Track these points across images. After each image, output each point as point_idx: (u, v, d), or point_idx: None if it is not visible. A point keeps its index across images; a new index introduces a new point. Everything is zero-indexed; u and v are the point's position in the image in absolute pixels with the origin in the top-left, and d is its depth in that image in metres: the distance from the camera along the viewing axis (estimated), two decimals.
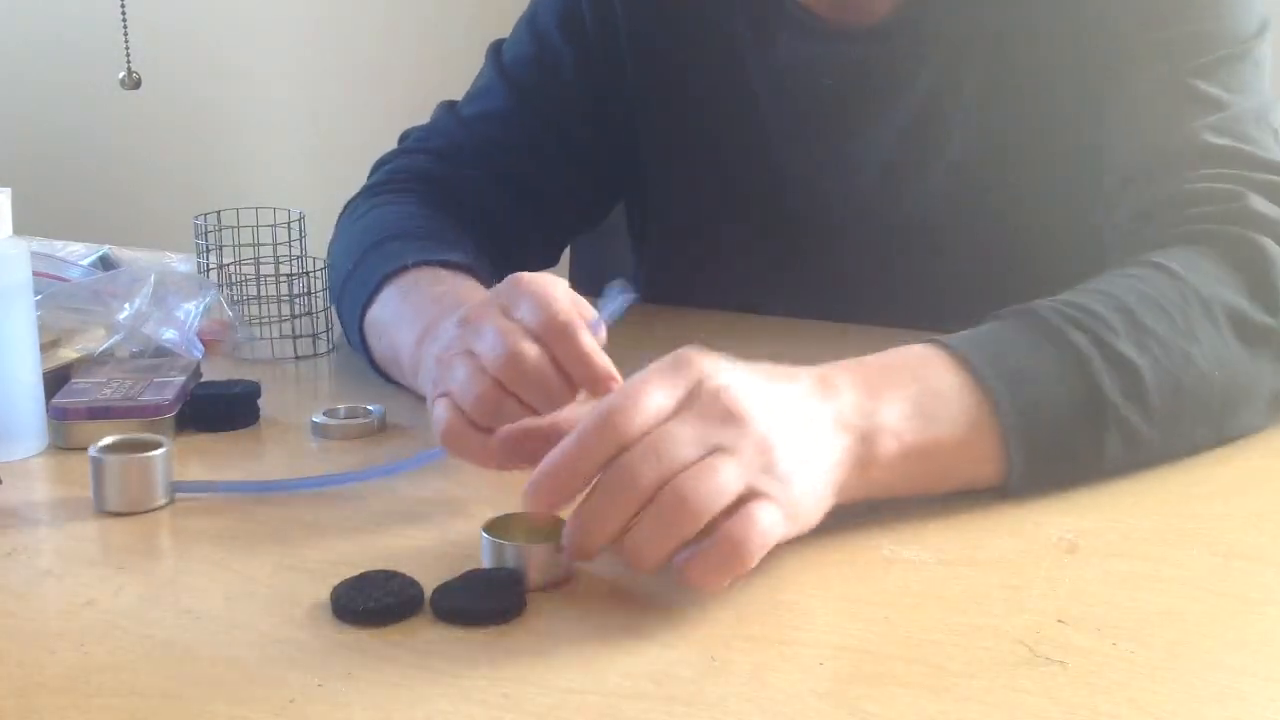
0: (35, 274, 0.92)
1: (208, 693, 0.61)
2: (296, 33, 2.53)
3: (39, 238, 1.25)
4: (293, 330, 1.09)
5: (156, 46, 1.86)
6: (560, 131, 1.16)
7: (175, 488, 0.81)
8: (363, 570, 0.70)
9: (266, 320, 1.09)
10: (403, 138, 1.21)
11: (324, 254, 1.12)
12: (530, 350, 0.76)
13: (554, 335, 0.76)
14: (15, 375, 0.88)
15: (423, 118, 1.22)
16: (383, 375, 0.99)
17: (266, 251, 1.11)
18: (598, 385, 0.75)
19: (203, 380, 0.98)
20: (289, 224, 1.10)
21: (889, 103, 1.09)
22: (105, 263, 1.23)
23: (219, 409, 0.94)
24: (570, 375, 0.76)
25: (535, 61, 1.16)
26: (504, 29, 1.23)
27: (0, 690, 0.61)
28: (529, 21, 1.19)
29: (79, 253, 1.24)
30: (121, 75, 1.39)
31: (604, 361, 0.76)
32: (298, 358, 1.09)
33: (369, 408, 0.94)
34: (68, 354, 1.01)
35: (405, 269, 0.97)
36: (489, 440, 0.76)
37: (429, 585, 0.68)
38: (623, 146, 1.18)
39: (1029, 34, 1.04)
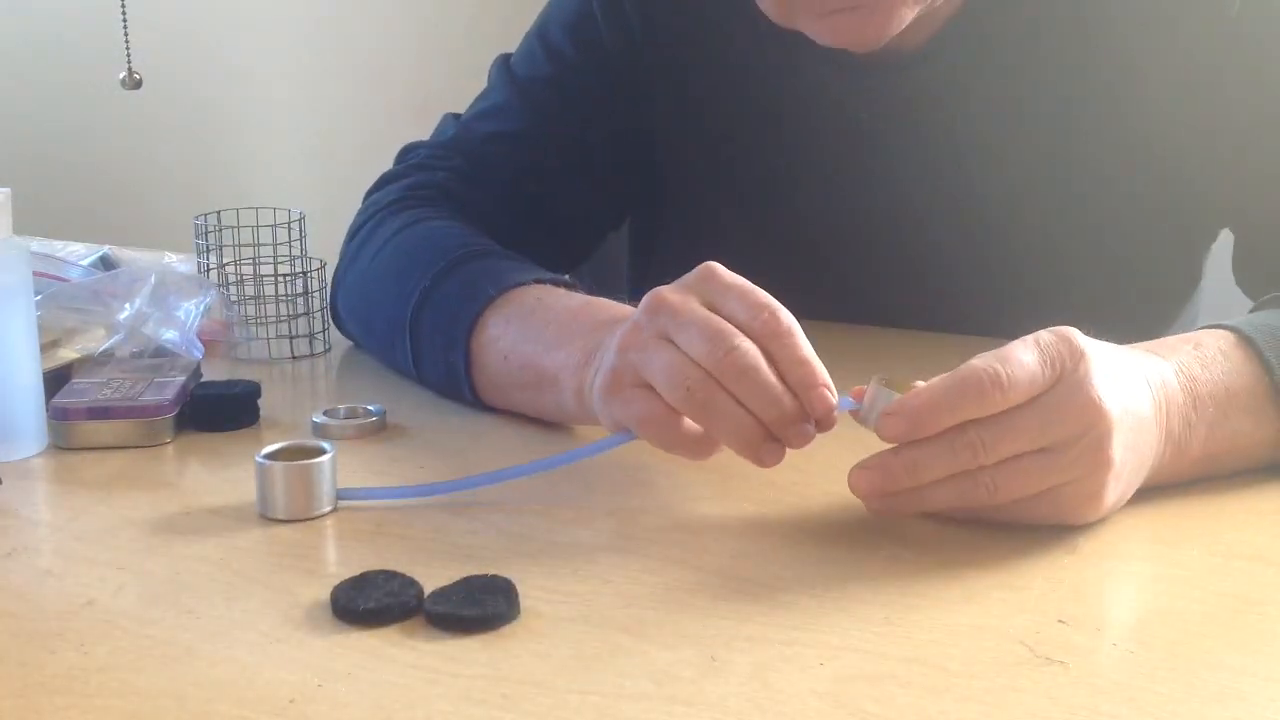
0: (35, 274, 0.92)
1: (208, 693, 0.61)
2: (297, 33, 2.53)
3: (39, 238, 1.25)
4: (291, 330, 1.09)
5: (157, 46, 1.86)
6: (579, 154, 1.14)
7: (339, 495, 0.80)
8: (363, 570, 0.70)
9: (267, 320, 1.09)
10: (405, 152, 1.18)
11: (323, 254, 1.12)
12: (750, 347, 0.74)
13: (773, 336, 0.74)
14: (15, 375, 0.88)
15: (423, 117, 1.21)
16: (474, 396, 0.95)
17: (266, 251, 1.10)
18: (814, 392, 0.74)
19: (203, 380, 0.98)
20: (289, 224, 1.10)
21: (921, 132, 1.07)
22: (105, 263, 1.23)
23: (219, 409, 0.94)
24: (785, 377, 0.74)
25: (553, 83, 1.13)
26: (504, 30, 1.22)
27: (0, 690, 0.61)
28: (542, 38, 1.15)
29: (79, 253, 1.25)
30: (122, 75, 1.39)
31: (822, 369, 0.75)
32: (295, 357, 1.09)
33: (369, 408, 0.94)
34: (68, 354, 1.01)
35: (515, 287, 0.93)
36: (695, 430, 0.76)
37: (429, 586, 0.68)
38: (640, 164, 1.16)
39: (1067, 64, 1.04)
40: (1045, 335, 0.73)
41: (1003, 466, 0.72)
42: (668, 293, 0.77)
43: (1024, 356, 0.72)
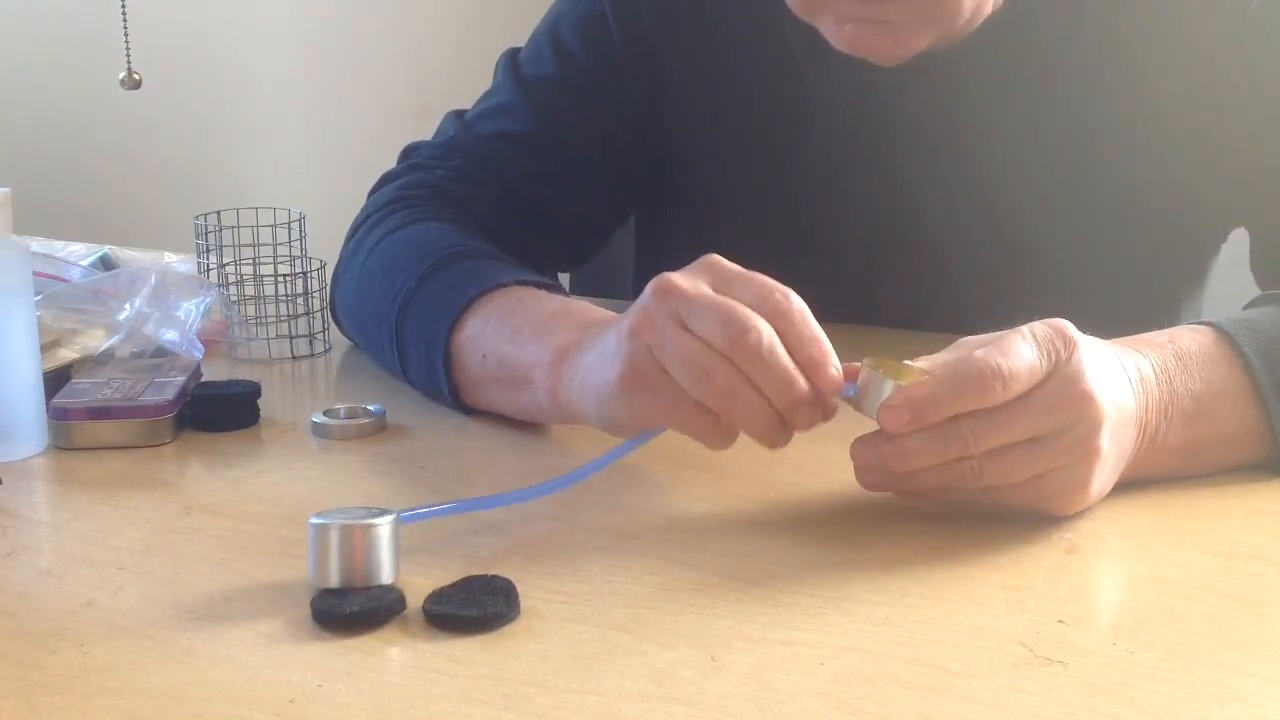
0: (35, 274, 0.92)
1: (208, 693, 0.61)
2: (297, 33, 2.53)
3: (39, 238, 1.25)
4: (291, 330, 1.09)
5: (157, 46, 1.86)
6: (585, 157, 1.12)
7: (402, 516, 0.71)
8: None
9: (267, 320, 1.09)
10: (408, 151, 1.17)
11: (323, 254, 1.12)
12: (764, 328, 0.73)
13: (782, 316, 0.74)
14: (15, 375, 0.88)
15: (423, 117, 1.21)
16: (453, 397, 0.94)
17: (266, 251, 1.10)
18: (823, 370, 0.74)
19: (203, 380, 0.98)
20: (289, 224, 1.10)
21: (936, 136, 1.06)
22: (105, 263, 1.23)
23: (219, 409, 0.94)
24: (795, 355, 0.74)
25: (561, 84, 1.12)
26: (505, 30, 1.22)
27: (0, 690, 0.61)
28: (551, 37, 1.13)
29: (79, 253, 1.24)
30: (121, 75, 1.39)
31: (830, 348, 0.75)
32: (295, 357, 1.09)
33: (369, 408, 0.94)
34: (68, 354, 1.01)
35: (497, 288, 0.92)
36: (719, 418, 0.75)
37: (429, 586, 0.68)
38: (648, 167, 1.15)
39: (1080, 70, 1.04)
40: (1039, 328, 0.74)
41: (991, 454, 0.73)
42: (676, 278, 0.77)
43: (1023, 351, 0.73)
